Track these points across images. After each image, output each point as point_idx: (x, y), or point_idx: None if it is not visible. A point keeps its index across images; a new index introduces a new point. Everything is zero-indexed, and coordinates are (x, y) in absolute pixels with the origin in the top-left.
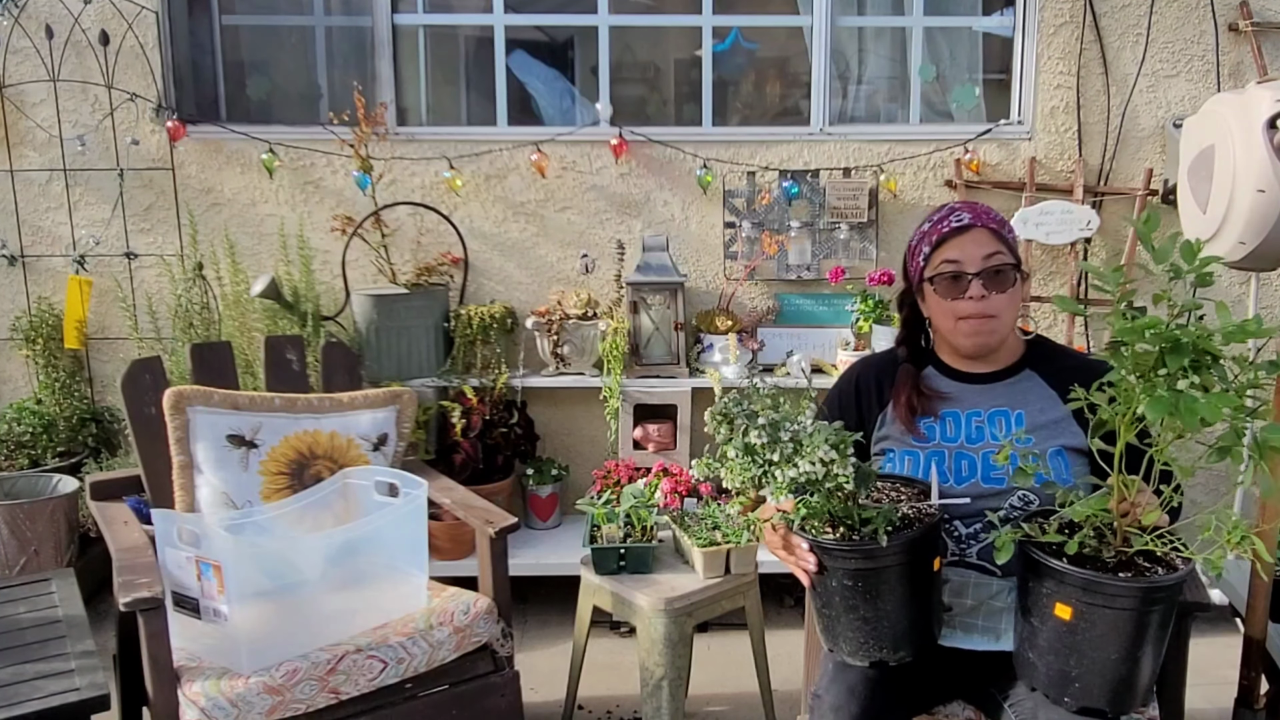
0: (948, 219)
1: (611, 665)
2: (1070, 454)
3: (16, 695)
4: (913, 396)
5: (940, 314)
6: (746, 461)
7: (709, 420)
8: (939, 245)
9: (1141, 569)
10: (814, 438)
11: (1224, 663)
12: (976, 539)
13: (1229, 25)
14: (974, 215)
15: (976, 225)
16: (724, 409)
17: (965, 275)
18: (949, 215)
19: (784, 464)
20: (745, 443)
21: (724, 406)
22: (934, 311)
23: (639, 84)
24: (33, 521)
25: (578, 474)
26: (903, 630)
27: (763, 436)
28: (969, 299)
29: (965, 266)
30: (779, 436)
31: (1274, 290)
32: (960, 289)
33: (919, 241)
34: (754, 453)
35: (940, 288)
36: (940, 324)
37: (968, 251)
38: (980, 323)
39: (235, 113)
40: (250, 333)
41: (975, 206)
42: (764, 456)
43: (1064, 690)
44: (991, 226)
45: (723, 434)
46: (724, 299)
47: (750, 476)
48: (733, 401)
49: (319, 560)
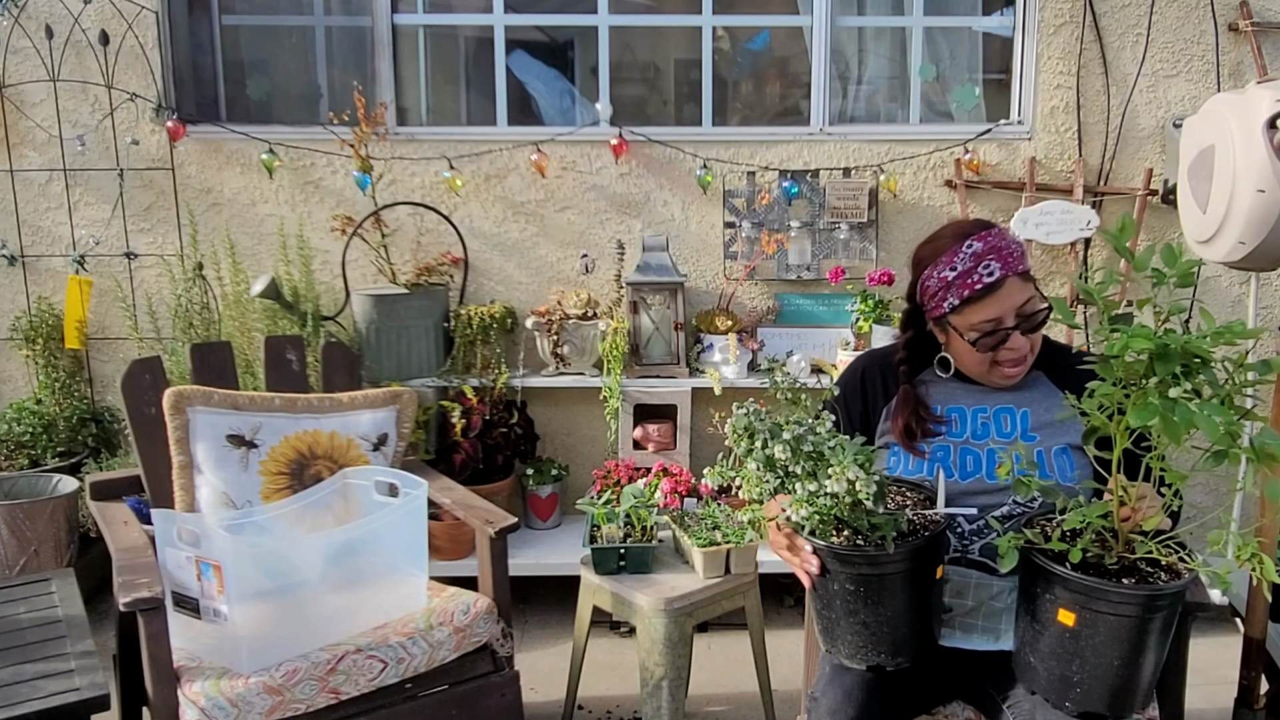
0: (977, 273)
1: (611, 665)
2: (1075, 452)
3: (16, 695)
4: (911, 421)
5: (972, 360)
6: (765, 474)
7: (729, 432)
8: (970, 302)
9: (1144, 574)
10: (839, 454)
11: (1224, 663)
12: (979, 535)
13: (1229, 25)
14: (1003, 264)
15: (1008, 277)
16: (746, 422)
17: (1004, 330)
18: (976, 266)
19: (805, 478)
20: (766, 455)
21: (745, 419)
22: (962, 354)
23: (639, 84)
24: (33, 521)
25: (578, 474)
26: (902, 636)
27: (786, 451)
28: (1009, 349)
29: (1004, 322)
30: (801, 450)
31: (1274, 290)
32: (999, 341)
33: (942, 289)
34: (774, 466)
35: (980, 345)
36: (970, 365)
37: (1004, 307)
38: (1019, 368)
39: (235, 113)
40: (250, 333)
41: (998, 247)
42: (785, 470)
43: (1065, 695)
44: (1020, 272)
45: (743, 446)
46: (724, 299)
47: (768, 490)
48: (753, 414)
49: (319, 560)
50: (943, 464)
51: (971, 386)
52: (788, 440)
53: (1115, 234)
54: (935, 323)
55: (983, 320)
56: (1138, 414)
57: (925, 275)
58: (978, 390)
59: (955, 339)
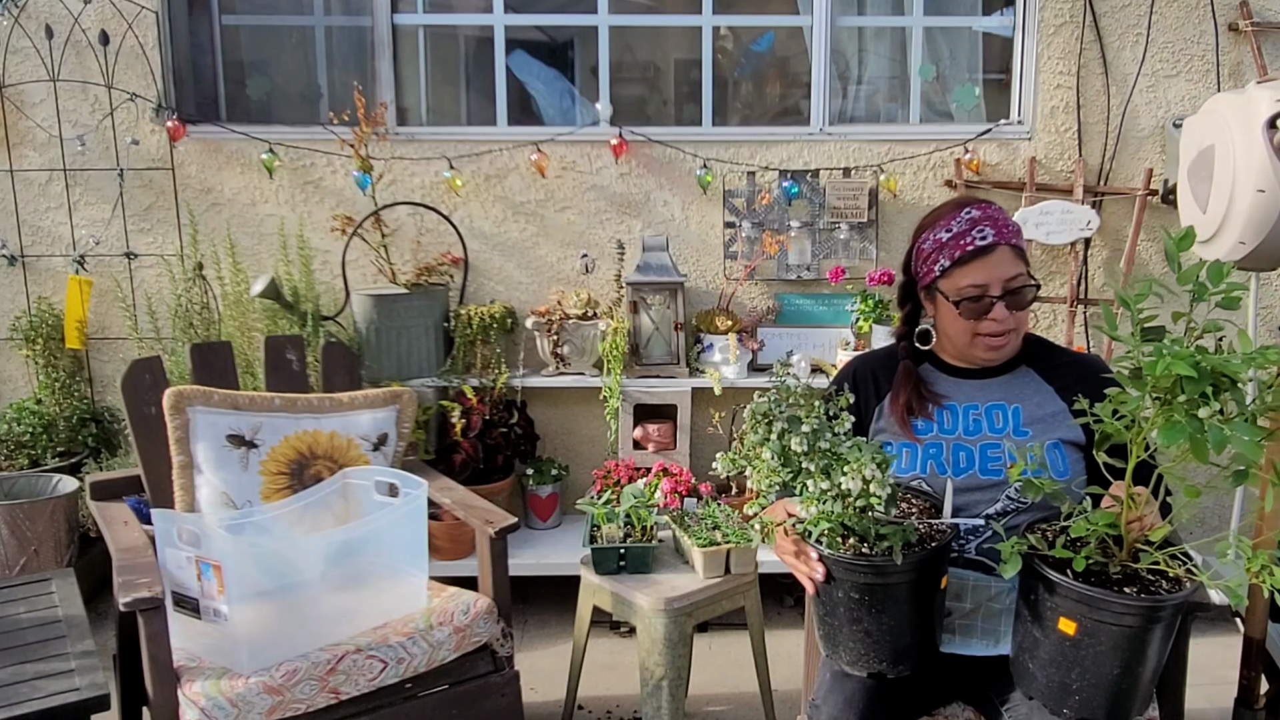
0: (970, 235)
1: (611, 665)
2: (1067, 447)
3: (16, 695)
4: (911, 398)
5: (957, 328)
6: (779, 465)
7: (746, 416)
8: (960, 263)
9: (1145, 581)
10: (857, 453)
11: (1224, 663)
12: (977, 534)
13: (1229, 25)
14: (996, 231)
15: (1000, 244)
16: (765, 409)
17: (989, 298)
18: (971, 229)
19: (818, 475)
20: (783, 446)
21: (765, 406)
22: (948, 323)
23: (639, 84)
24: (33, 521)
25: (578, 474)
26: (905, 646)
27: (804, 444)
28: (992, 320)
29: (990, 290)
30: (818, 445)
31: (1274, 290)
32: (983, 310)
33: (935, 250)
34: (789, 458)
35: (963, 309)
36: (954, 335)
37: (992, 274)
38: (1000, 339)
39: (235, 113)
40: (250, 333)
41: (994, 217)
42: (799, 463)
43: (1063, 702)
44: (1013, 244)
45: (760, 433)
46: (724, 299)
47: (778, 481)
48: (773, 402)
49: (319, 560)
50: (935, 460)
51: (963, 382)
52: (806, 433)
53: (1175, 243)
54: (925, 292)
55: (970, 284)
56: (1165, 434)
57: (921, 239)
58: (969, 386)
59: (942, 307)
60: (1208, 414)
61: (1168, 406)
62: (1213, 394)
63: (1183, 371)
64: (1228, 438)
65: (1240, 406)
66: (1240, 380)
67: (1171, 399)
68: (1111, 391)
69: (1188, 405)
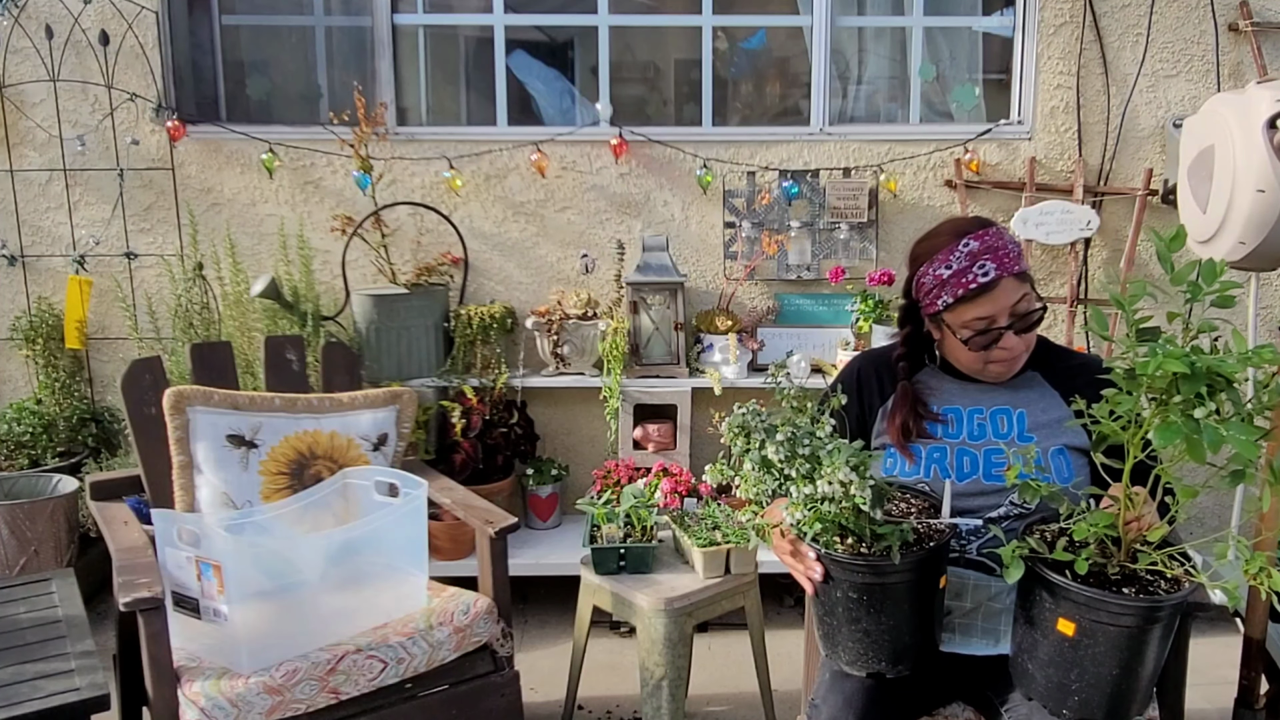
0: (972, 273)
1: (611, 665)
2: (1072, 453)
3: (16, 695)
4: (908, 419)
5: (967, 358)
6: (763, 475)
7: (725, 430)
8: (964, 301)
9: (1144, 582)
10: (833, 457)
11: (1224, 663)
12: (977, 534)
13: (1229, 25)
14: (998, 265)
15: (1003, 277)
16: (742, 421)
17: (997, 329)
18: (971, 265)
19: (800, 481)
20: (762, 456)
21: (742, 418)
22: (957, 351)
23: (639, 84)
24: (33, 521)
25: (578, 474)
26: (904, 645)
27: (780, 452)
28: (1002, 349)
29: (997, 321)
30: (797, 452)
31: (1274, 290)
32: (992, 340)
33: (936, 286)
34: (771, 467)
35: (972, 343)
36: (964, 361)
37: (998, 305)
38: (1011, 363)
39: (235, 113)
40: (250, 333)
41: (994, 246)
42: (781, 471)
43: (1063, 702)
44: (1015, 272)
45: (739, 445)
46: (724, 299)
47: (765, 490)
48: (751, 413)
49: (319, 560)
50: (939, 465)
51: (968, 386)
52: (781, 441)
53: (1166, 243)
54: (930, 319)
55: (976, 319)
56: (1161, 434)
57: (921, 272)
58: (974, 390)
59: (949, 336)
60: (1204, 414)
61: (1164, 407)
62: (1208, 394)
63: (1177, 369)
64: (1224, 437)
65: (1236, 406)
66: (1236, 380)
67: (1167, 399)
68: (1108, 392)
69: (1183, 405)
